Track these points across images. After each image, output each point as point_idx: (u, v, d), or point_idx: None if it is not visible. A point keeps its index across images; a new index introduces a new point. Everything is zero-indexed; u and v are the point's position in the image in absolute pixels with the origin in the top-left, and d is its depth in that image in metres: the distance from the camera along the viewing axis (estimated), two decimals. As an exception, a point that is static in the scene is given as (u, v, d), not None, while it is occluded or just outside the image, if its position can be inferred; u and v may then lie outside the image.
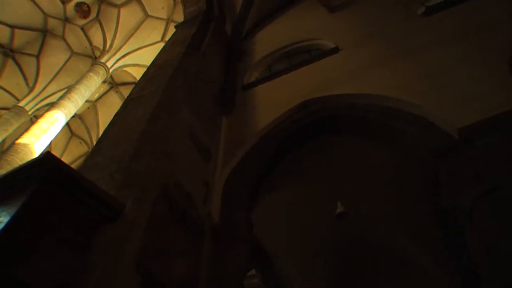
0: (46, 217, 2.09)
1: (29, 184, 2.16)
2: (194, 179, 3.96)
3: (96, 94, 20.31)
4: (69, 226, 2.22)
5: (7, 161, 10.73)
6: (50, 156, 2.27)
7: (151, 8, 18.71)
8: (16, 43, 21.54)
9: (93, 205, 2.40)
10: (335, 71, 5.50)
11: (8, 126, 17.45)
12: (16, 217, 1.91)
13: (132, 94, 4.96)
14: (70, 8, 19.78)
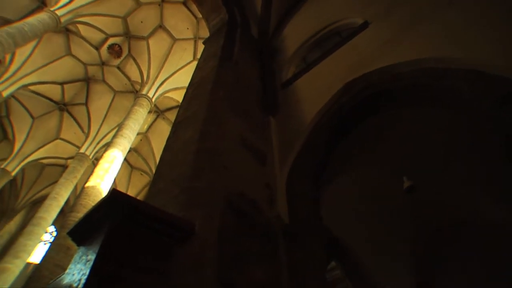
0: (123, 248, 2.22)
1: (104, 222, 2.31)
2: (256, 185, 3.96)
3: (145, 125, 21.08)
4: (146, 254, 2.31)
5: (82, 204, 11.42)
6: (115, 192, 2.41)
7: (177, 32, 19.17)
8: (66, 97, 23.05)
9: (164, 230, 2.49)
10: (369, 46, 5.32)
11: (76, 173, 18.64)
12: (100, 254, 2.06)
13: (178, 117, 5.06)
14: (104, 52, 20.79)
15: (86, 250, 2.25)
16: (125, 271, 2.11)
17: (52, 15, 15.25)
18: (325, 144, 5.01)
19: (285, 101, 6.07)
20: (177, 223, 2.60)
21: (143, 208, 2.51)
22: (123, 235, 2.28)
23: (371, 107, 5.08)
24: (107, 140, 20.62)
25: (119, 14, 19.03)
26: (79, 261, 2.21)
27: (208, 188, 3.16)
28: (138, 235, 2.36)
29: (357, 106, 5.01)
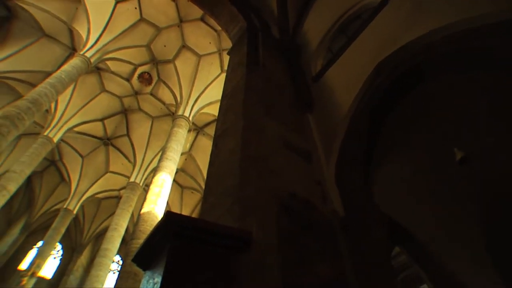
0: (187, 266, 2.28)
1: (163, 244, 2.40)
2: (305, 183, 3.95)
3: (187, 144, 21.49)
4: (208, 268, 2.36)
5: (141, 231, 11.83)
6: (169, 214, 2.49)
7: (200, 48, 19.44)
8: (109, 131, 24.02)
9: (222, 242, 2.54)
10: (393, 22, 5.18)
11: (131, 202, 19.34)
12: (165, 275, 2.15)
13: (217, 131, 5.10)
14: (135, 82, 21.48)
15: (152, 274, 2.35)
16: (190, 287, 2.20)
17: (83, 58, 16.06)
18: (367, 129, 4.92)
19: (319, 95, 6.01)
20: (234, 234, 2.64)
21: (198, 224, 2.58)
22: (184, 254, 2.35)
23: (408, 82, 4.94)
24: (153, 165, 21.23)
25: (142, 43, 19.59)
26: (147, 285, 2.31)
27: (259, 195, 3.19)
28: (198, 251, 2.42)
29: (393, 84, 4.88)
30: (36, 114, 12.93)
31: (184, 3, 17.84)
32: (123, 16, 18.23)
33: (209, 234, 2.53)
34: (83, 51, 16.46)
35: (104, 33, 17.59)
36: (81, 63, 15.81)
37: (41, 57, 20.16)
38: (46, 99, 13.30)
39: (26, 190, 26.86)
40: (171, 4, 18.29)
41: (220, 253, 2.52)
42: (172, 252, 2.32)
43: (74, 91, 20.88)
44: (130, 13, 18.41)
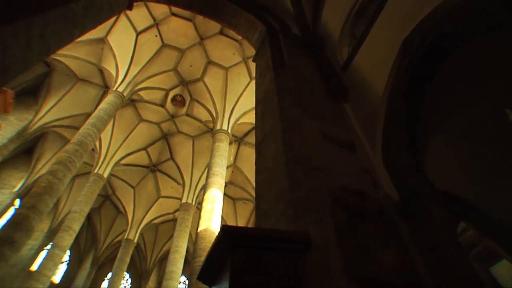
0: (250, 275, 2.32)
1: (225, 258, 2.44)
2: (353, 174, 3.92)
3: (231, 156, 21.68)
4: (272, 274, 2.38)
5: (201, 249, 12.04)
6: (225, 228, 2.54)
7: (225, 61, 19.62)
8: (153, 158, 24.73)
9: (281, 247, 2.56)
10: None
11: (186, 223, 19.76)
12: None
13: (258, 138, 5.18)
14: (169, 106, 21.99)
15: None
16: None
17: (116, 94, 16.69)
18: (407, 108, 4.82)
19: (351, 82, 5.91)
20: (292, 237, 2.66)
21: (254, 233, 2.62)
22: (245, 264, 2.37)
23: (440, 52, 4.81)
24: (202, 183, 21.59)
25: (169, 67, 20.04)
26: None
27: (310, 194, 3.19)
28: (258, 259, 2.44)
29: (425, 57, 4.69)
30: (84, 155, 13.52)
31: (201, 21, 18.12)
32: (146, 46, 18.77)
33: (267, 241, 2.56)
34: (115, 87, 17.12)
35: (131, 66, 18.21)
36: (115, 98, 16.43)
37: (80, 100, 21.15)
38: (90, 139, 13.91)
39: (88, 226, 28.30)
40: (188, 25, 18.63)
41: (281, 258, 2.54)
42: (234, 264, 2.36)
43: (114, 126, 21.70)
44: (152, 42, 18.91)
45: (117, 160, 21.98)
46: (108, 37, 18.32)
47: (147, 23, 18.35)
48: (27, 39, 4.30)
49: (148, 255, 29.68)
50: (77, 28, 5.66)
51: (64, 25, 5.12)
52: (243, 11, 7.99)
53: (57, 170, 12.01)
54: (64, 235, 16.19)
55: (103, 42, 18.53)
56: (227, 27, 9.05)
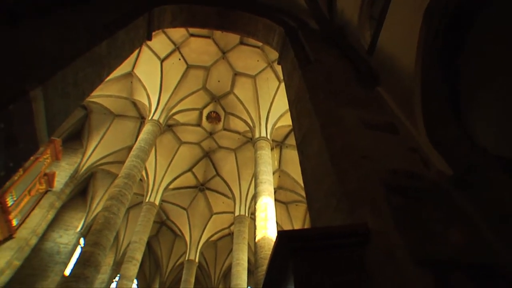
0: (316, 276, 2.30)
1: (286, 264, 2.43)
2: (401, 156, 3.83)
3: (275, 162, 21.69)
4: (337, 272, 2.36)
5: (262, 258, 12.10)
6: (281, 234, 2.55)
7: (251, 69, 19.75)
8: (200, 177, 25.19)
9: (340, 242, 2.53)
10: None
11: (243, 234, 19.90)
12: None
13: (298, 139, 5.16)
14: (205, 124, 22.33)
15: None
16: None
17: (153, 122, 17.21)
18: (442, 78, 4.63)
19: (380, 64, 5.73)
20: (349, 231, 2.62)
21: (311, 234, 2.60)
22: (308, 266, 2.36)
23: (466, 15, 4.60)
24: (251, 193, 21.69)
25: (198, 87, 20.38)
26: None
27: (360, 185, 3.15)
28: (320, 259, 2.42)
29: (451, 24, 4.54)
30: (133, 186, 13.95)
31: (220, 36, 18.35)
32: (172, 71, 19.20)
33: (325, 239, 2.53)
34: (151, 116, 17.62)
35: (162, 93, 18.68)
36: (153, 127, 16.90)
37: (120, 135, 21.89)
38: (136, 170, 14.34)
39: (150, 254, 29.17)
40: (208, 42, 18.91)
41: (343, 254, 2.51)
42: (296, 268, 2.34)
43: (156, 154, 22.26)
44: (177, 66, 19.33)
45: (165, 185, 22.53)
46: (134, 70, 18.91)
47: (169, 49, 18.77)
48: (63, 88, 4.50)
49: (211, 272, 30.10)
50: (104, 68, 5.86)
51: (92, 68, 5.31)
52: (259, 17, 7.99)
53: (111, 206, 12.45)
54: (129, 266, 16.77)
55: (131, 75, 19.14)
56: (246, 36, 9.09)
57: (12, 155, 3.68)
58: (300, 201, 24.45)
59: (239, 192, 23.02)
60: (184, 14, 7.95)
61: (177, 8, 7.74)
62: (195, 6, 7.87)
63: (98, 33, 5.53)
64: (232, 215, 22.85)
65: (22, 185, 14.07)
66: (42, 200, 16.92)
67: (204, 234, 26.37)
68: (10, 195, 13.45)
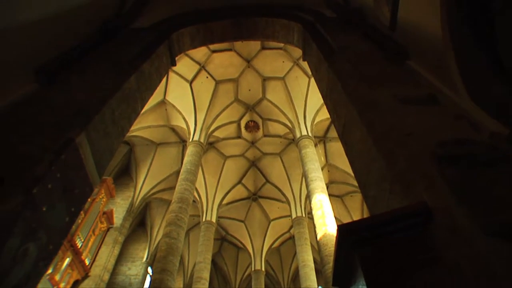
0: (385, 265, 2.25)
1: (352, 258, 2.40)
2: (447, 125, 3.66)
3: (321, 157, 21.54)
4: (405, 257, 2.29)
5: (327, 255, 12.05)
6: (341, 228, 2.52)
7: (279, 71, 19.90)
8: (251, 188, 25.52)
9: (402, 226, 2.45)
10: None
11: (304, 235, 19.91)
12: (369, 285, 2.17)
13: (338, 130, 5.12)
14: (246, 134, 22.52)
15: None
16: (400, 282, 2.15)
17: (194, 143, 17.60)
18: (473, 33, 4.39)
19: (406, 38, 5.52)
20: (409, 212, 2.54)
21: (371, 222, 2.56)
22: (373, 255, 2.33)
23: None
24: (304, 193, 21.62)
25: (231, 100, 20.61)
26: None
27: (410, 163, 3.06)
28: (384, 246, 2.37)
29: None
30: (188, 209, 14.26)
31: (241, 46, 18.54)
32: (202, 90, 19.55)
33: (386, 225, 2.47)
34: (191, 138, 17.99)
35: (197, 114, 19.05)
36: (196, 148, 17.24)
37: (165, 162, 22.48)
38: (188, 193, 14.64)
39: (217, 271, 29.78)
40: (230, 54, 19.13)
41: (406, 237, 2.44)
42: (362, 259, 2.31)
43: (204, 173, 22.64)
44: (205, 85, 19.65)
45: (219, 202, 22.89)
46: (166, 97, 19.43)
47: (195, 70, 19.15)
48: (104, 129, 4.67)
49: (279, 278, 30.10)
50: (137, 102, 6.04)
51: (126, 104, 5.48)
52: (274, 19, 7.98)
53: (170, 231, 12.76)
54: (198, 286, 17.26)
55: (164, 103, 19.66)
56: (266, 40, 9.13)
57: (71, 200, 3.85)
58: (354, 191, 24.08)
59: (292, 195, 22.98)
60: (202, 33, 8.06)
61: (193, 29, 7.86)
62: (211, 23, 7.97)
63: (125, 70, 5.70)
64: (290, 218, 22.83)
65: (86, 226, 14.81)
66: (106, 237, 17.66)
67: (265, 242, 26.45)
68: (78, 237, 14.20)
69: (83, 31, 6.11)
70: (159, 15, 7.68)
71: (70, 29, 5.73)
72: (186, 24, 7.74)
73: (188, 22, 7.80)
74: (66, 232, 3.82)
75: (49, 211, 3.36)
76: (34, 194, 3.11)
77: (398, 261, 2.26)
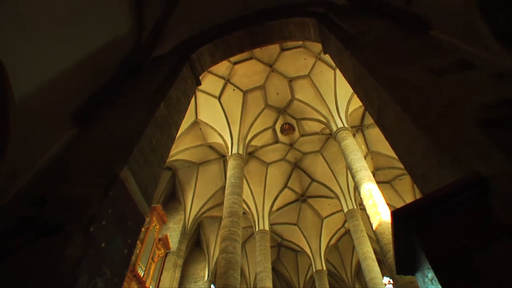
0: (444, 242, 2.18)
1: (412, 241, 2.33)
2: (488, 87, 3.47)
3: (362, 146, 21.25)
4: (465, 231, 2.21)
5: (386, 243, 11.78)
6: (395, 213, 2.47)
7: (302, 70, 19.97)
8: (298, 189, 25.41)
9: (459, 200, 2.35)
10: None
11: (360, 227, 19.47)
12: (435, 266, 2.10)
13: (374, 115, 4.99)
14: (283, 137, 22.52)
15: (422, 274, 2.29)
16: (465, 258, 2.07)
17: (234, 156, 17.81)
18: None
19: (424, 8, 5.29)
20: (463, 186, 2.41)
21: (424, 203, 2.46)
22: (433, 236, 2.25)
23: None
24: (352, 184, 21.40)
25: (261, 107, 20.72)
26: (425, 285, 2.25)
27: (455, 134, 2.95)
28: (443, 225, 2.29)
29: None
30: (239, 222, 14.36)
31: (260, 52, 18.65)
32: (232, 103, 19.75)
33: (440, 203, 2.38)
34: (230, 152, 18.20)
35: (231, 127, 19.24)
36: (236, 161, 17.40)
37: (209, 180, 22.85)
38: (237, 206, 14.77)
39: (278, 278, 29.89)
40: (252, 62, 19.23)
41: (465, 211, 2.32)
42: (423, 243, 2.23)
43: (249, 183, 22.72)
44: (234, 97, 19.84)
45: (269, 210, 22.91)
46: (198, 117, 19.78)
47: (220, 85, 19.38)
48: (144, 159, 4.77)
49: (342, 274, 29.62)
50: (171, 127, 6.13)
51: (161, 132, 5.57)
52: (287, 19, 7.91)
53: (226, 246, 12.89)
54: (263, 296, 17.21)
55: (197, 123, 20.01)
56: (284, 41, 9.05)
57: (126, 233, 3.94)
58: (402, 174, 23.53)
59: (340, 189, 22.71)
60: (220, 47, 8.12)
61: (211, 45, 7.93)
62: (226, 36, 8.00)
63: (153, 99, 5.81)
64: (342, 213, 22.60)
65: (144, 255, 15.21)
66: (165, 262, 18.06)
67: (322, 241, 26.20)
68: (139, 267, 14.57)
69: (108, 69, 6.30)
70: (176, 39, 7.82)
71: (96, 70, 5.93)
72: (203, 42, 7.82)
73: (204, 40, 7.88)
74: (127, 264, 3.90)
75: (108, 246, 3.44)
76: (92, 233, 3.20)
77: (459, 238, 2.17)
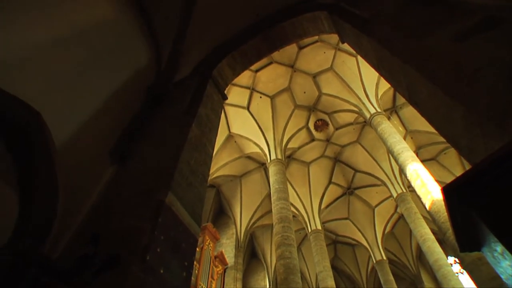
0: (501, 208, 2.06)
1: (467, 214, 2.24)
2: None
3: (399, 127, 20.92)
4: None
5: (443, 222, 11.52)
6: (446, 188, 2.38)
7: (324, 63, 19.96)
8: (343, 183, 25.15)
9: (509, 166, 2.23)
10: None
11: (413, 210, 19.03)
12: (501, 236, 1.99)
13: (405, 95, 4.87)
14: (318, 134, 22.47)
15: (489, 248, 2.17)
16: None
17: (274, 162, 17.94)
18: None
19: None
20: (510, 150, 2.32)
21: (475, 172, 2.31)
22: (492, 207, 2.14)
23: None
24: (396, 168, 20.97)
25: (291, 108, 20.77)
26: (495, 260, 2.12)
27: (492, 97, 2.89)
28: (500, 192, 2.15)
29: None
30: (291, 226, 14.33)
31: (279, 55, 18.74)
32: (262, 111, 19.86)
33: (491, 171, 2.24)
34: (269, 159, 18.33)
35: (265, 134, 19.32)
36: (277, 166, 17.54)
37: (253, 190, 22.98)
38: (285, 211, 14.75)
39: (340, 275, 29.85)
40: (274, 66, 19.29)
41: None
42: (483, 215, 2.12)
43: (293, 186, 22.73)
44: (262, 104, 19.96)
45: (317, 209, 22.77)
46: (231, 130, 20.00)
47: (246, 95, 19.54)
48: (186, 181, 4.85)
49: (404, 262, 28.83)
50: (206, 146, 6.22)
51: (197, 152, 5.66)
52: (299, 16, 7.89)
53: (282, 252, 12.89)
54: (328, 296, 17.05)
55: (232, 136, 20.20)
56: (300, 39, 9.03)
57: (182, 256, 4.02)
58: (446, 148, 22.83)
59: (385, 175, 22.26)
60: (238, 59, 8.20)
61: (230, 58, 8.02)
62: (242, 46, 8.07)
63: (184, 121, 5.91)
64: (392, 198, 22.12)
65: (204, 274, 15.34)
66: (225, 278, 18.17)
67: (377, 230, 25.68)
68: (201, 287, 14.72)
69: (135, 102, 6.51)
70: (194, 60, 7.94)
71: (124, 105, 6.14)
72: (221, 57, 7.92)
73: (222, 54, 7.98)
74: (188, 285, 3.97)
75: (166, 271, 3.52)
76: (148, 261, 3.29)
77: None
